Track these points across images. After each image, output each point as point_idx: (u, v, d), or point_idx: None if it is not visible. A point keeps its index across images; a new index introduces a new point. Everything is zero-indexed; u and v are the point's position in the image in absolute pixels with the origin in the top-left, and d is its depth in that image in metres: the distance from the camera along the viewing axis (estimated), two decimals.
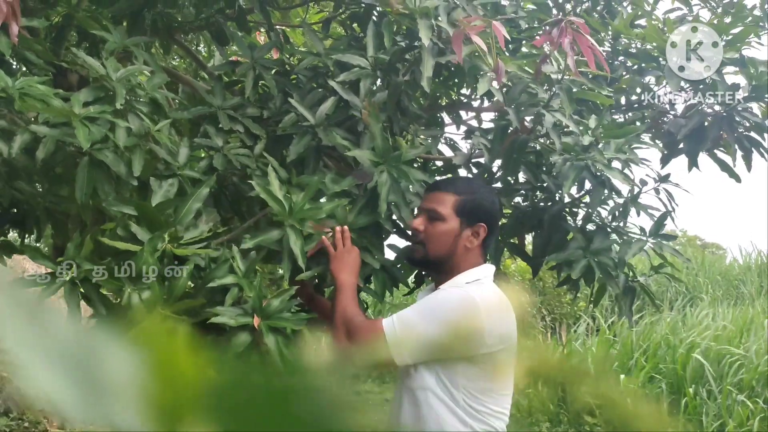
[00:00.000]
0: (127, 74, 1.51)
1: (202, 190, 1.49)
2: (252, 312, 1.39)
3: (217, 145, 1.68)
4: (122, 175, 1.44)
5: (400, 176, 1.64)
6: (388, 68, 1.79)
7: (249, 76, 1.77)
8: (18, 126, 1.42)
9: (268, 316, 1.41)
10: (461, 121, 2.31)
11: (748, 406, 4.50)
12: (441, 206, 1.51)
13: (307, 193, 1.51)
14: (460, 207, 1.50)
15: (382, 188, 1.60)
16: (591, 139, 1.67)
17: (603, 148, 1.69)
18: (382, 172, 1.62)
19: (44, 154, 1.39)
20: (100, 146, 1.43)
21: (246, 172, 1.68)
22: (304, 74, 1.89)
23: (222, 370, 0.23)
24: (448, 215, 1.50)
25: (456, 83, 2.24)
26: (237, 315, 1.38)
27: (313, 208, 1.52)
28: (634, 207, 1.86)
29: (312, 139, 1.73)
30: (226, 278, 1.42)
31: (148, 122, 1.50)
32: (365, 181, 1.66)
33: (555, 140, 1.67)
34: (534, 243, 2.00)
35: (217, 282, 1.41)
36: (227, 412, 0.23)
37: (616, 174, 1.70)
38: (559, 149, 1.68)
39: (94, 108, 1.42)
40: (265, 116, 1.81)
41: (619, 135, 1.70)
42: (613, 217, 1.90)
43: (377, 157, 1.64)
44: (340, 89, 1.73)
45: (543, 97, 1.68)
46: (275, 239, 1.50)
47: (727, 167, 2.10)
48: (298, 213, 1.49)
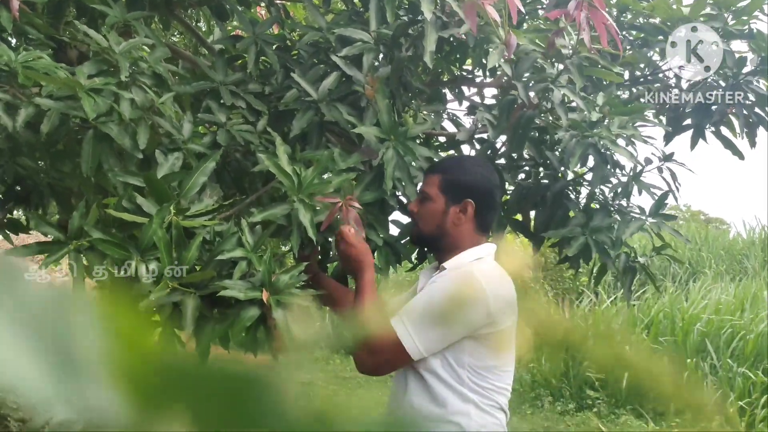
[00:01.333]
0: (129, 47, 1.50)
1: (208, 163, 1.49)
2: (261, 286, 1.39)
3: (221, 121, 1.68)
4: (127, 148, 1.44)
5: (406, 152, 1.64)
6: (392, 43, 1.78)
7: (251, 51, 1.76)
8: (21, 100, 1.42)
9: (278, 290, 1.41)
10: (464, 97, 2.30)
11: (750, 377, 4.53)
12: (428, 187, 1.57)
13: (316, 168, 1.51)
14: (445, 185, 1.55)
15: (388, 165, 1.61)
16: (599, 115, 1.66)
17: (608, 125, 1.68)
18: (388, 148, 1.63)
19: (48, 127, 1.39)
20: (105, 119, 1.43)
21: (249, 148, 1.68)
22: (306, 50, 1.87)
23: None
24: (435, 194, 1.55)
25: (458, 58, 2.21)
26: (246, 289, 1.38)
27: (322, 182, 1.53)
28: (637, 185, 1.86)
29: (315, 115, 1.72)
30: (235, 251, 1.41)
31: (152, 95, 1.49)
32: (371, 157, 1.66)
33: (562, 116, 1.66)
34: (536, 219, 2.00)
35: (226, 255, 1.40)
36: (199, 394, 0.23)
37: (622, 151, 1.69)
38: (566, 125, 1.67)
39: (99, 80, 1.42)
40: (267, 92, 1.80)
41: (627, 112, 1.69)
42: (615, 195, 1.90)
43: (383, 134, 1.64)
44: (342, 64, 1.72)
45: (551, 72, 1.66)
46: (283, 213, 1.50)
47: (730, 144, 2.09)
48: (308, 187, 1.49)
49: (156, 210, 1.36)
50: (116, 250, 1.33)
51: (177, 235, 1.36)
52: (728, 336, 4.95)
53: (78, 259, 1.37)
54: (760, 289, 5.83)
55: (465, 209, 1.54)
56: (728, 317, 5.15)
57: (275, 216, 1.50)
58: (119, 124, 1.44)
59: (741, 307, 5.42)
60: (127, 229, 1.39)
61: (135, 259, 1.33)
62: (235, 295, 1.37)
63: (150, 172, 1.45)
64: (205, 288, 1.39)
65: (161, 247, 1.32)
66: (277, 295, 1.40)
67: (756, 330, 4.90)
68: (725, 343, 4.93)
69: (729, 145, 2.10)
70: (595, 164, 1.77)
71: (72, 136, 1.58)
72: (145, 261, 1.34)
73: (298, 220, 1.48)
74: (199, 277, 1.38)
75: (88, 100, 1.36)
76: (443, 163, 1.68)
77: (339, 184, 1.57)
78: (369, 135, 1.65)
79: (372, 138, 1.65)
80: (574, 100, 1.66)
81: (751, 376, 4.53)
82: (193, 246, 1.36)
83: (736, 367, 4.66)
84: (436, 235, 1.57)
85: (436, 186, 1.56)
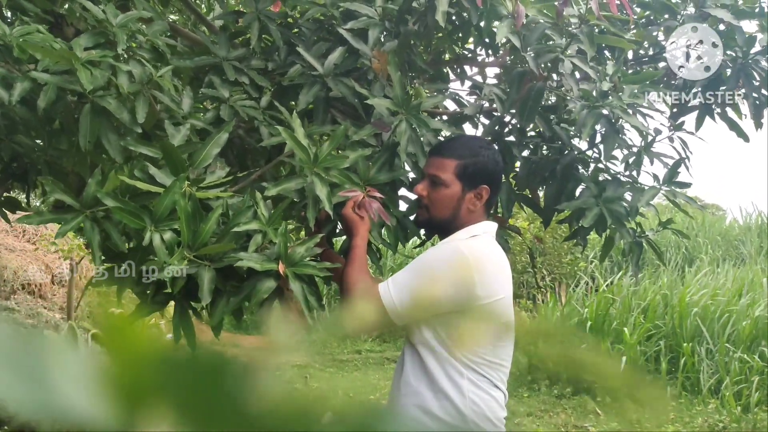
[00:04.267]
0: (126, 20, 1.47)
1: (222, 134, 1.46)
2: (277, 259, 1.38)
3: (224, 96, 1.65)
4: (126, 122, 1.41)
5: (420, 125, 1.62)
6: (398, 18, 1.75)
7: (254, 26, 1.73)
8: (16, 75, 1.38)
9: (293, 263, 1.40)
10: (466, 76, 2.28)
11: (747, 361, 4.55)
12: (442, 172, 1.52)
13: (331, 142, 1.49)
14: (462, 171, 1.52)
15: (402, 137, 1.59)
16: (610, 85, 1.64)
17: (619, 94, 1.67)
18: (401, 121, 1.60)
19: (45, 102, 1.35)
20: (103, 93, 1.39)
21: (253, 124, 1.65)
22: (308, 27, 1.84)
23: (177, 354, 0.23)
24: (450, 180, 1.51)
25: (461, 38, 2.19)
26: (262, 261, 1.37)
27: (338, 157, 1.51)
28: (647, 156, 1.84)
29: (321, 90, 1.69)
30: (250, 224, 1.39)
31: (150, 68, 1.46)
32: (384, 130, 1.63)
33: (573, 87, 1.65)
34: (546, 194, 1.99)
35: (242, 227, 1.38)
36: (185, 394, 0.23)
37: (634, 120, 1.67)
38: (577, 95, 1.65)
39: (96, 52, 1.38)
40: (270, 68, 1.77)
41: (638, 80, 1.68)
42: (626, 166, 1.88)
43: (396, 106, 1.62)
44: (349, 37, 1.69)
45: (560, 42, 1.64)
46: (297, 187, 1.49)
47: (735, 126, 2.07)
48: (323, 161, 1.47)
49: (172, 180, 1.33)
50: (131, 219, 1.30)
51: (193, 206, 1.33)
52: (725, 321, 4.97)
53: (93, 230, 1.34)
54: (757, 275, 5.85)
55: (480, 195, 1.53)
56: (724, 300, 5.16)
57: (289, 190, 1.48)
58: (117, 97, 1.41)
59: (738, 292, 5.43)
60: (138, 201, 1.36)
61: (149, 229, 1.30)
62: (252, 265, 1.35)
63: (165, 140, 1.42)
64: (220, 261, 1.37)
65: (182, 216, 1.29)
66: (293, 267, 1.39)
67: (752, 315, 4.92)
68: (722, 327, 4.95)
69: (734, 127, 2.08)
70: (606, 134, 1.75)
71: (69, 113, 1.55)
72: (159, 231, 1.31)
73: (314, 193, 1.46)
74: (217, 249, 1.35)
75: (85, 72, 1.33)
76: (456, 147, 1.58)
77: (354, 160, 1.55)
78: (381, 107, 1.63)
79: (384, 110, 1.62)
80: (585, 69, 1.64)
81: (748, 360, 4.55)
82: (212, 218, 1.33)
83: (732, 352, 4.67)
84: (448, 220, 1.54)
85: (451, 171, 1.52)
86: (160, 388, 0.22)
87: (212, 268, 1.35)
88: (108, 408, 0.22)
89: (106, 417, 0.22)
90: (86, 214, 1.35)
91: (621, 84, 1.67)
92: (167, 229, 1.31)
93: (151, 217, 1.30)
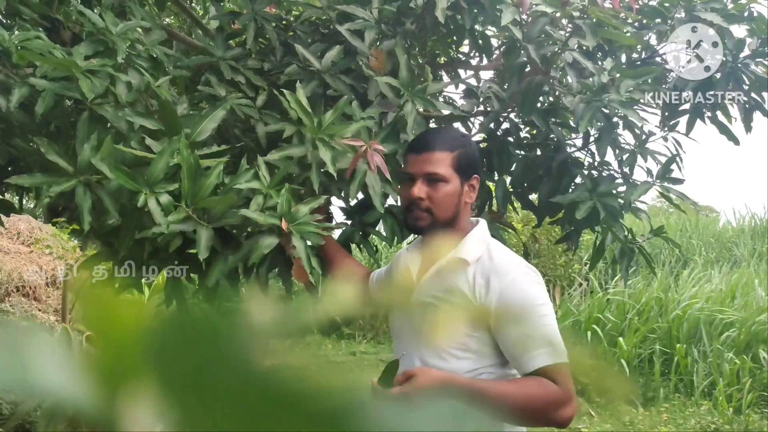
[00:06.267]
0: (125, 29, 1.48)
1: (218, 111, 1.48)
2: (280, 217, 1.38)
3: (220, 95, 1.66)
4: (123, 130, 1.42)
5: (427, 106, 1.64)
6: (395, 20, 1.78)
7: (250, 27, 1.75)
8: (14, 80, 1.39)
9: (296, 221, 1.40)
10: (460, 80, 2.29)
11: (737, 363, 4.57)
12: (440, 167, 1.39)
13: (335, 110, 1.51)
14: (458, 163, 1.40)
15: (409, 117, 1.61)
16: (609, 78, 1.66)
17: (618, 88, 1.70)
18: (406, 102, 1.63)
19: (43, 108, 1.36)
20: (101, 101, 1.41)
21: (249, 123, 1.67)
22: (303, 29, 1.86)
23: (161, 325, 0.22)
24: (450, 175, 1.39)
25: (455, 41, 2.21)
26: (265, 216, 1.37)
27: (341, 123, 1.52)
28: (641, 154, 1.85)
29: (318, 86, 1.71)
30: (252, 183, 1.40)
31: (148, 77, 1.47)
32: (389, 110, 1.65)
33: (572, 79, 1.67)
34: (540, 191, 1.98)
35: (243, 185, 1.38)
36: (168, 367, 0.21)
37: (632, 113, 1.68)
38: (576, 89, 1.67)
39: (96, 61, 1.40)
40: (266, 69, 1.79)
41: (636, 75, 1.70)
42: (621, 162, 1.90)
43: (402, 87, 1.64)
44: (348, 35, 1.71)
45: (561, 34, 1.67)
46: (300, 154, 1.50)
47: (726, 130, 2.09)
48: (327, 128, 1.49)
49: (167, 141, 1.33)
50: (127, 180, 1.29)
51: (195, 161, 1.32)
52: (719, 323, 4.99)
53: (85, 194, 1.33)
54: (750, 277, 5.88)
55: (473, 186, 1.43)
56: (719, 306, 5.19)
57: (294, 155, 1.49)
58: (115, 106, 1.42)
59: (732, 294, 5.46)
60: None
61: (144, 192, 1.30)
62: (254, 217, 1.34)
63: (165, 99, 1.43)
64: (219, 221, 1.37)
65: (184, 167, 1.28)
66: (296, 225, 1.39)
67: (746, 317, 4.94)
68: (715, 329, 4.97)
69: (724, 131, 2.10)
70: (603, 129, 1.77)
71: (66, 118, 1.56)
72: (155, 194, 1.30)
73: (318, 158, 1.47)
74: (218, 201, 1.34)
75: (86, 81, 1.34)
76: (442, 138, 1.44)
77: (358, 129, 1.56)
78: (384, 86, 1.65)
79: (388, 91, 1.64)
80: (584, 64, 1.66)
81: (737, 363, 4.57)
82: (212, 174, 1.32)
83: (726, 353, 4.70)
84: (451, 220, 1.41)
85: (448, 165, 1.39)
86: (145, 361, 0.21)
87: (210, 228, 1.35)
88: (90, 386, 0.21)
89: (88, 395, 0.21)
90: (80, 180, 1.34)
91: (620, 79, 1.69)
92: (163, 192, 1.30)
93: (145, 182, 1.30)
